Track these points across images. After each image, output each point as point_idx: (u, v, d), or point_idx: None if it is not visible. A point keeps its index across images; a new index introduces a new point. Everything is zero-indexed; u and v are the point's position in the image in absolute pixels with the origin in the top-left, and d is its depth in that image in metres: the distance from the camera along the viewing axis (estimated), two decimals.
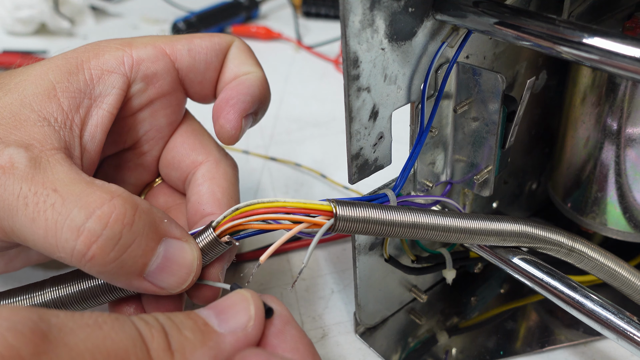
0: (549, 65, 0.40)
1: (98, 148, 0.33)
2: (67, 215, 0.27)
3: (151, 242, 0.28)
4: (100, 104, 0.33)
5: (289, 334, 0.27)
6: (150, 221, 0.28)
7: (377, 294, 0.39)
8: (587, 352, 0.38)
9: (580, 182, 0.41)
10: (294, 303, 0.42)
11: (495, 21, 0.28)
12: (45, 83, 0.32)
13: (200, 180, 0.36)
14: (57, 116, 0.31)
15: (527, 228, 0.33)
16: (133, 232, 0.27)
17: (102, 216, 0.27)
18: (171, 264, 0.29)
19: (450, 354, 0.39)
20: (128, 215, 0.27)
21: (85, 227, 0.26)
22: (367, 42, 0.28)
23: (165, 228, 0.29)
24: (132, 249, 0.27)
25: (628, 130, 0.36)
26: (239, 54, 0.37)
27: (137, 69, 0.35)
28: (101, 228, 0.26)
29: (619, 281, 0.35)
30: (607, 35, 0.25)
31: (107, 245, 0.27)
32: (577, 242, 0.34)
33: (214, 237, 0.30)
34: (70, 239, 0.26)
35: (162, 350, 0.24)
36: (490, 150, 0.35)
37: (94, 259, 0.27)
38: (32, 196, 0.27)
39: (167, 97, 0.37)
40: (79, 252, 0.26)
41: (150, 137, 0.37)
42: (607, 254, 0.34)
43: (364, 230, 0.30)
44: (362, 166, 0.32)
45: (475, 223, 0.32)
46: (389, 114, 0.31)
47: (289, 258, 0.47)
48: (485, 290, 0.43)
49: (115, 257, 0.27)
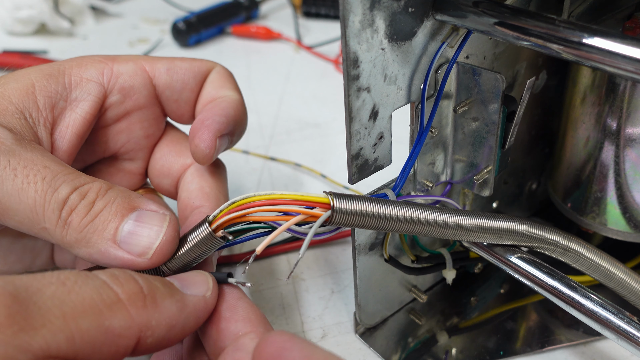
0: (549, 65, 0.40)
1: (68, 149, 0.35)
2: (55, 188, 0.29)
3: (122, 209, 0.30)
4: (74, 108, 0.35)
5: (240, 307, 0.30)
6: (123, 194, 0.31)
7: (377, 294, 0.39)
8: (587, 352, 0.38)
9: (580, 182, 0.41)
10: (294, 303, 0.42)
11: (495, 21, 0.28)
12: (25, 81, 0.34)
13: (189, 179, 0.39)
14: (32, 112, 0.33)
15: (523, 226, 0.33)
16: (104, 199, 0.30)
17: (83, 191, 0.30)
18: (142, 228, 0.30)
19: (450, 354, 0.39)
20: (103, 188, 0.30)
21: (68, 199, 0.29)
22: (367, 42, 0.28)
23: (140, 201, 0.31)
24: (103, 213, 0.30)
25: (628, 130, 0.36)
26: (218, 78, 0.39)
27: (114, 81, 0.37)
28: (80, 199, 0.30)
29: (614, 282, 0.35)
30: (607, 35, 0.25)
31: (81, 211, 0.29)
32: (572, 241, 0.34)
33: (209, 231, 0.30)
34: (56, 209, 0.29)
35: (133, 294, 0.26)
36: (490, 150, 0.35)
37: (71, 224, 0.29)
38: (21, 169, 0.29)
39: (144, 110, 0.39)
40: (62, 220, 0.29)
41: (129, 148, 0.39)
42: (602, 255, 0.34)
43: (361, 224, 0.30)
44: (362, 166, 0.32)
45: (471, 220, 0.32)
46: (389, 114, 0.31)
47: (289, 258, 0.47)
48: (485, 290, 0.43)
49: (87, 220, 0.29)
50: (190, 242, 0.30)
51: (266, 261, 0.46)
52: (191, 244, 0.30)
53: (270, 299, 0.43)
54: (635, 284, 0.35)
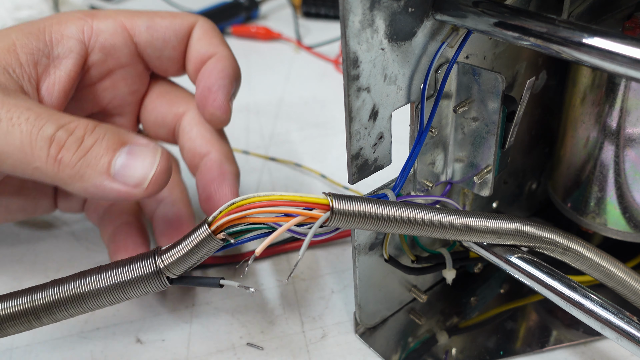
0: (549, 65, 0.40)
1: (56, 106, 0.36)
2: (40, 126, 0.30)
3: (113, 144, 0.31)
4: (58, 65, 0.36)
5: None
6: (112, 130, 0.32)
7: (377, 294, 0.39)
8: (587, 352, 0.38)
9: (580, 182, 0.41)
10: (294, 303, 0.42)
11: (495, 21, 0.28)
12: (6, 40, 0.35)
13: (188, 128, 0.40)
14: (15, 68, 0.34)
15: (523, 226, 0.33)
16: (94, 135, 0.31)
17: (68, 128, 0.31)
18: (135, 160, 0.31)
19: (450, 354, 0.39)
20: (90, 125, 0.31)
21: (55, 136, 0.30)
22: (367, 42, 0.28)
23: (129, 136, 0.32)
24: (94, 149, 0.30)
25: (628, 130, 0.36)
26: (203, 34, 0.40)
27: (95, 39, 0.38)
28: (67, 135, 0.30)
29: (614, 281, 0.35)
30: (607, 35, 0.25)
31: (71, 147, 0.30)
32: (572, 241, 0.34)
33: (208, 232, 0.30)
34: (44, 146, 0.30)
35: None
36: (490, 150, 0.35)
37: (62, 160, 0.30)
38: (5, 113, 0.30)
39: (127, 68, 0.40)
40: (52, 156, 0.30)
41: (115, 104, 0.41)
42: (602, 254, 0.34)
43: (360, 225, 0.30)
44: (362, 166, 0.32)
45: (470, 220, 0.32)
46: (389, 114, 0.31)
47: (289, 258, 0.47)
48: (485, 290, 0.43)
49: (79, 156, 0.30)
50: (190, 244, 0.30)
51: (266, 261, 0.46)
52: (191, 246, 0.30)
53: (270, 299, 0.43)
54: (635, 282, 0.35)
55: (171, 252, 0.30)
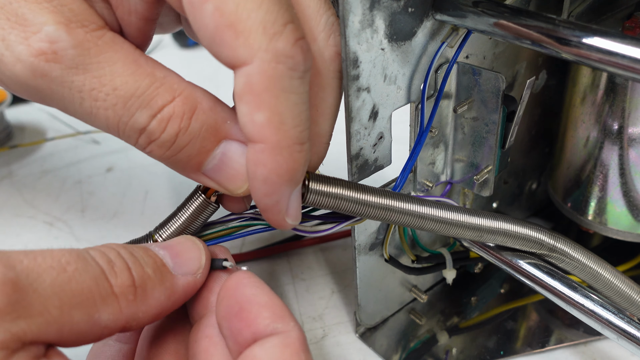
0: (549, 65, 0.40)
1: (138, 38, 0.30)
2: (130, 116, 0.26)
3: (207, 144, 0.28)
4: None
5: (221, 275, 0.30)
6: (210, 123, 0.28)
7: (377, 294, 0.39)
8: (587, 352, 0.38)
9: (580, 182, 0.41)
10: (294, 303, 0.42)
11: (495, 21, 0.28)
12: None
13: None
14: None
15: (505, 224, 0.32)
16: (188, 134, 0.27)
17: (162, 119, 0.27)
18: (227, 169, 0.28)
19: (450, 354, 0.39)
20: (185, 118, 0.27)
21: (146, 130, 0.27)
22: (367, 42, 0.28)
23: (227, 129, 0.28)
24: (186, 150, 0.27)
25: (628, 130, 0.36)
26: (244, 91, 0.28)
27: None
28: (160, 131, 0.27)
29: (600, 283, 0.34)
30: (607, 35, 0.25)
31: (163, 146, 0.27)
32: (559, 240, 0.33)
33: (203, 197, 0.30)
34: (132, 136, 0.27)
35: (125, 287, 0.25)
36: (490, 150, 0.34)
37: (152, 153, 0.28)
38: (87, 92, 0.26)
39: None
40: (140, 146, 0.28)
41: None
42: (589, 255, 0.34)
43: (336, 207, 0.29)
44: (362, 166, 0.32)
45: (449, 214, 0.31)
46: (389, 114, 0.31)
47: (289, 258, 0.47)
48: (485, 290, 0.43)
49: (170, 155, 0.27)
50: (187, 211, 0.31)
51: (266, 261, 0.46)
52: (188, 213, 0.31)
53: None
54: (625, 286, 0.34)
55: (167, 225, 0.31)
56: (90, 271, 0.24)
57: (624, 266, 0.42)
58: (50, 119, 0.68)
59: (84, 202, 0.54)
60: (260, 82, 0.24)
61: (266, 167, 0.25)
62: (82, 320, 0.23)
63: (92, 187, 0.57)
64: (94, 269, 0.24)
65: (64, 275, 0.23)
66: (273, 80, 0.24)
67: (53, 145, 0.63)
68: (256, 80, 0.24)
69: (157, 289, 0.26)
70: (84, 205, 0.54)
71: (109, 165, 0.60)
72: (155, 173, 0.58)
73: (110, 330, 0.25)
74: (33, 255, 0.23)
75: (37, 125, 0.68)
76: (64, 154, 0.62)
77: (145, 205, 0.54)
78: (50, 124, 0.67)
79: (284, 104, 0.25)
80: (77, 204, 0.54)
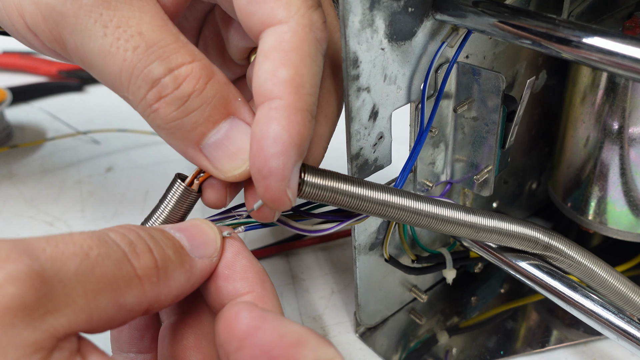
0: (549, 65, 0.40)
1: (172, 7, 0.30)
2: (148, 63, 0.26)
3: (216, 114, 0.27)
4: None
5: (239, 264, 0.28)
6: (222, 94, 0.28)
7: (377, 294, 0.39)
8: (587, 351, 0.38)
9: (580, 182, 0.41)
10: (294, 303, 0.42)
11: (495, 21, 0.28)
12: None
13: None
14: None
15: (498, 221, 0.32)
16: (201, 98, 0.27)
17: (179, 76, 0.26)
18: (229, 145, 0.28)
19: (450, 354, 0.39)
20: (201, 81, 0.27)
21: (161, 82, 0.26)
22: (367, 42, 0.28)
23: (236, 107, 0.28)
24: (195, 114, 0.27)
25: (628, 130, 0.36)
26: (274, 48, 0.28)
27: None
28: (173, 87, 0.26)
29: (597, 281, 0.34)
30: (607, 35, 0.25)
31: (172, 104, 0.27)
32: (553, 238, 0.33)
33: (184, 187, 0.30)
34: (143, 87, 0.26)
35: (149, 269, 0.24)
36: (490, 150, 0.34)
37: (157, 112, 0.27)
38: (113, 28, 0.26)
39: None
40: (147, 101, 0.27)
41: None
42: (585, 252, 0.33)
43: (332, 200, 0.29)
44: (362, 166, 0.32)
45: (444, 210, 0.31)
46: (389, 114, 0.31)
47: (289, 258, 0.47)
48: (485, 290, 0.43)
49: (176, 116, 0.27)
50: (170, 203, 0.30)
51: (266, 261, 0.46)
52: (171, 204, 0.30)
53: None
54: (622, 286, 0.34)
55: (153, 217, 0.31)
56: (112, 255, 0.23)
57: (624, 266, 0.42)
58: (50, 119, 0.68)
59: (83, 202, 0.55)
60: (291, 41, 0.26)
61: (280, 124, 0.25)
62: (108, 305, 0.23)
63: (92, 187, 0.57)
64: (116, 252, 0.23)
65: (88, 261, 0.22)
66: (303, 43, 0.26)
67: (53, 145, 0.63)
68: (288, 38, 0.26)
69: (178, 271, 0.26)
70: (84, 205, 0.54)
71: (109, 165, 0.60)
72: (155, 173, 0.58)
73: (135, 313, 0.24)
74: (55, 241, 0.22)
75: (37, 125, 0.68)
76: (64, 154, 0.62)
77: (145, 205, 0.54)
78: (50, 124, 0.67)
79: (307, 68, 0.26)
80: (77, 204, 0.54)
